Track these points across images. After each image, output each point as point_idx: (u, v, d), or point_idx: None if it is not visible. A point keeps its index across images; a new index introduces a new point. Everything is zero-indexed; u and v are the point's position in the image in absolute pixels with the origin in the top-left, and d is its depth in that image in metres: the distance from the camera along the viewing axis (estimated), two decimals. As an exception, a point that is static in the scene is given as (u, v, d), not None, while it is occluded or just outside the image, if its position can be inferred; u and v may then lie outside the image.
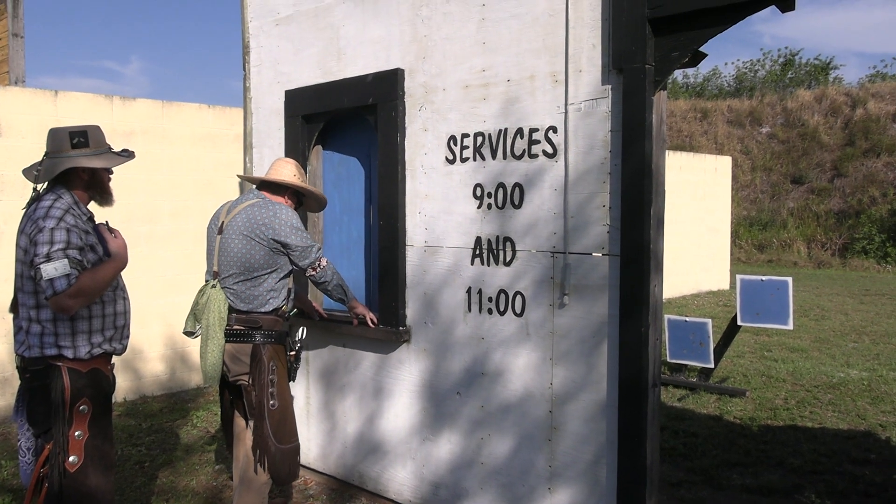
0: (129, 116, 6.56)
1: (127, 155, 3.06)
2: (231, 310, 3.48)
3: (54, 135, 2.94)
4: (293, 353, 3.71)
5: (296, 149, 4.55)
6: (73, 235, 2.76)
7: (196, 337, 3.59)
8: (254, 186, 3.79)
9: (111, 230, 3.05)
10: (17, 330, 2.91)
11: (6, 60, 7.83)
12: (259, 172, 4.89)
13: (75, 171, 2.93)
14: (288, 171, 3.69)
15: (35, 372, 2.84)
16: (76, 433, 2.84)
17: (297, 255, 3.51)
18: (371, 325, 3.99)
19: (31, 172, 2.95)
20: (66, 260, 2.69)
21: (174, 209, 6.89)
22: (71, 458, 2.81)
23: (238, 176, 4.29)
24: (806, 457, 5.06)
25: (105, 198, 3.08)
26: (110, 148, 3.05)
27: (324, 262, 3.60)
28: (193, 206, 6.99)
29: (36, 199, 2.90)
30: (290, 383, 3.71)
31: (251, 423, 3.50)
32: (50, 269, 2.66)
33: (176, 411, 6.28)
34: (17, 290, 2.91)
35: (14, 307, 2.94)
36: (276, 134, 4.77)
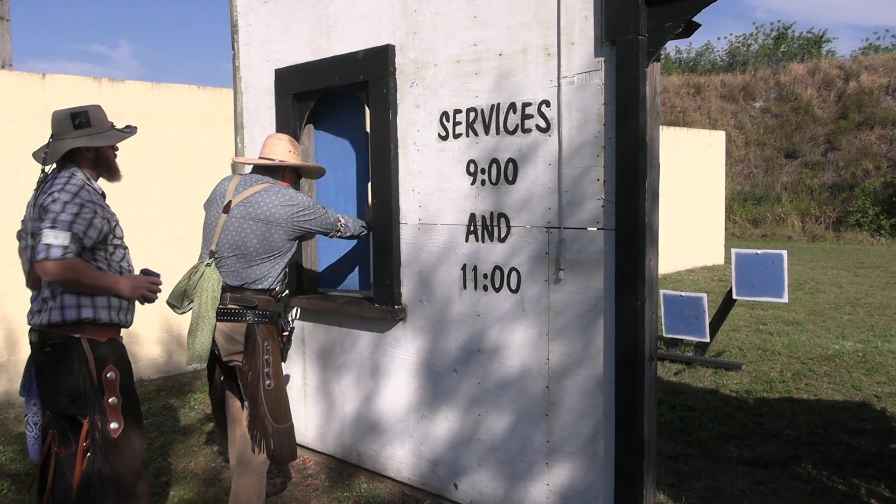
0: (117, 98, 6.49)
1: (129, 131, 3.14)
2: (225, 289, 3.46)
3: (56, 117, 3.00)
4: (286, 333, 3.70)
5: (287, 128, 4.50)
6: (86, 210, 2.84)
7: (182, 312, 3.56)
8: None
9: (151, 272, 3.15)
10: (34, 300, 2.98)
11: (-8, 44, 7.73)
12: (251, 152, 4.85)
13: (80, 150, 3.00)
14: (282, 149, 3.67)
15: (55, 346, 2.89)
16: (110, 400, 2.91)
17: (322, 229, 3.67)
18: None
19: (40, 155, 3.02)
20: (69, 233, 2.77)
21: (166, 192, 6.84)
22: (112, 425, 2.90)
23: (233, 159, 4.24)
24: (802, 428, 5.08)
25: (112, 174, 3.16)
26: (113, 125, 3.11)
27: (342, 221, 3.77)
28: (185, 188, 6.94)
29: (44, 179, 2.98)
30: (284, 364, 3.70)
31: (247, 404, 3.49)
32: (51, 236, 2.74)
33: (173, 394, 6.27)
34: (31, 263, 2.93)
35: (32, 281, 2.99)
36: (267, 113, 4.72)
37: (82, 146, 2.97)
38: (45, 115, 6.06)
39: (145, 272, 3.15)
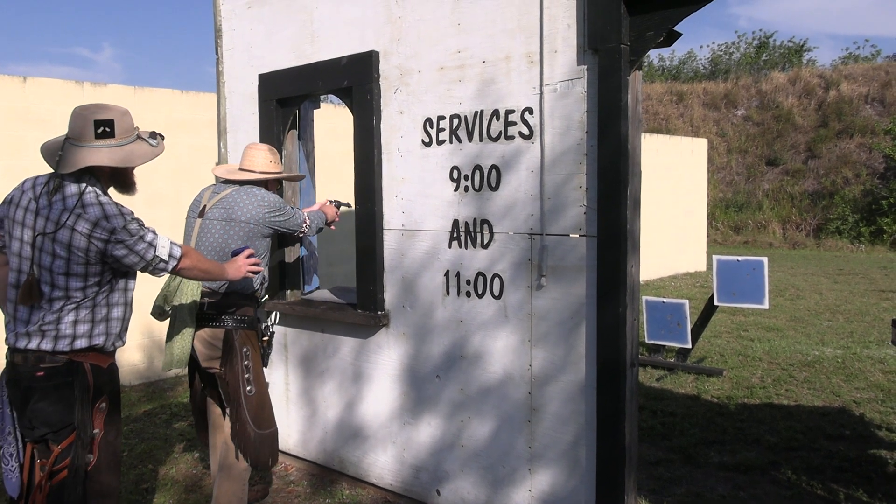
0: (100, 102, 6.44)
1: (156, 144, 2.78)
2: (204, 294, 3.45)
3: (77, 118, 2.63)
4: (266, 338, 3.70)
5: (270, 133, 4.49)
6: (128, 215, 2.64)
7: (165, 320, 3.54)
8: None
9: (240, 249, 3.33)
10: (22, 322, 2.62)
11: (-28, 46, 7.67)
12: (233, 158, 4.83)
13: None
14: (262, 160, 3.70)
15: (51, 370, 2.60)
16: (94, 431, 2.68)
17: (290, 229, 3.70)
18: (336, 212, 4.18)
19: (53, 157, 2.63)
20: (154, 232, 2.69)
21: (148, 197, 6.79)
22: (87, 457, 2.66)
23: (215, 176, 4.10)
24: (782, 434, 5.13)
25: (127, 189, 2.80)
26: (138, 133, 2.75)
27: (308, 221, 3.82)
28: (168, 193, 6.90)
29: (60, 186, 2.60)
30: (266, 369, 3.69)
31: (229, 411, 3.48)
32: (158, 246, 2.67)
33: (154, 400, 6.23)
34: (37, 280, 2.57)
35: (29, 296, 2.57)
36: (251, 119, 4.71)
37: (102, 165, 2.61)
38: (26, 118, 6.02)
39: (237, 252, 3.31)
